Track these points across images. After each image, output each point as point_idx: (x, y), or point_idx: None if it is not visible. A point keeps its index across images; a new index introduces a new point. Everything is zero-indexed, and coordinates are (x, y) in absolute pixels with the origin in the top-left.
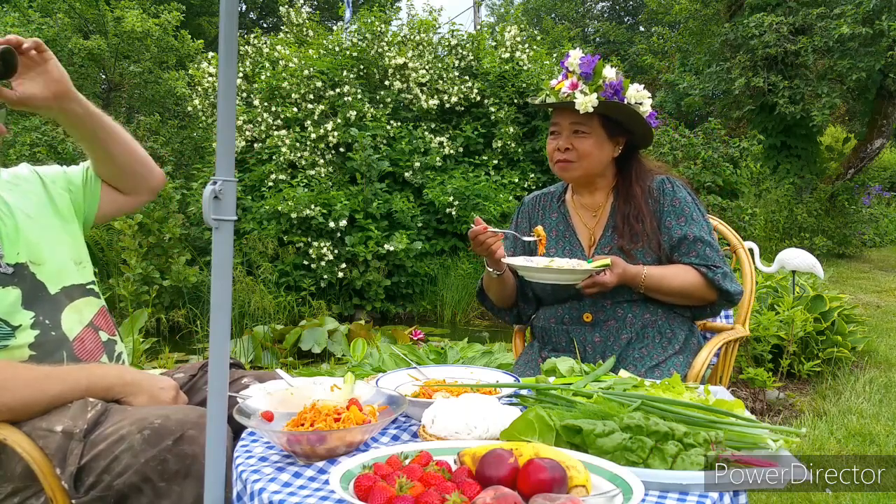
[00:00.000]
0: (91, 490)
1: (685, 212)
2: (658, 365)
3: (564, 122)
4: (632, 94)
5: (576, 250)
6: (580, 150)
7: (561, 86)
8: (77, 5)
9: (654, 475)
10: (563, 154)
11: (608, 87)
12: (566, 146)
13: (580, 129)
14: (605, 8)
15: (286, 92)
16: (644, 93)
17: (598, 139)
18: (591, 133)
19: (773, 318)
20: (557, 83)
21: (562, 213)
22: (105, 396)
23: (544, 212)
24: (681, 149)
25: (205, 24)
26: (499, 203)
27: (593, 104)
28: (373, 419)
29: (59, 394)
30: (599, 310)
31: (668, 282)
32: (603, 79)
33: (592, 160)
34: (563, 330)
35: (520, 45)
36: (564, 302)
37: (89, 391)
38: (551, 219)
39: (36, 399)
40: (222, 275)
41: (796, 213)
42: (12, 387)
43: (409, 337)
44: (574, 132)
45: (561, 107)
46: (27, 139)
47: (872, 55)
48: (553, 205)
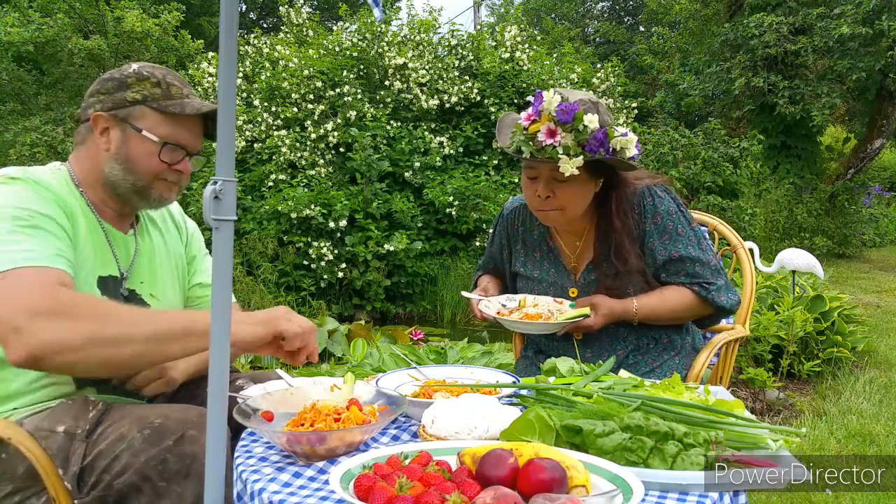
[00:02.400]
0: (92, 490)
1: (668, 227)
2: (653, 370)
3: (543, 168)
4: (618, 142)
5: (561, 273)
6: (562, 198)
7: (536, 128)
8: (77, 5)
9: (654, 475)
10: (545, 203)
11: (592, 140)
12: (546, 194)
13: (560, 176)
14: (605, 8)
15: (286, 92)
16: (630, 138)
17: (581, 184)
18: (572, 179)
19: (773, 318)
20: (529, 122)
21: (542, 233)
22: (202, 344)
23: (524, 228)
24: (681, 149)
25: (205, 24)
26: (499, 203)
27: (579, 165)
28: (373, 419)
29: (154, 333)
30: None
31: (661, 309)
32: (584, 126)
33: (576, 206)
34: (553, 346)
35: (520, 45)
36: None
37: (187, 332)
38: (532, 236)
39: (132, 335)
40: (222, 275)
41: (796, 213)
42: (115, 320)
43: (409, 337)
44: (553, 178)
45: (540, 162)
46: (27, 139)
47: (872, 55)
48: (532, 222)
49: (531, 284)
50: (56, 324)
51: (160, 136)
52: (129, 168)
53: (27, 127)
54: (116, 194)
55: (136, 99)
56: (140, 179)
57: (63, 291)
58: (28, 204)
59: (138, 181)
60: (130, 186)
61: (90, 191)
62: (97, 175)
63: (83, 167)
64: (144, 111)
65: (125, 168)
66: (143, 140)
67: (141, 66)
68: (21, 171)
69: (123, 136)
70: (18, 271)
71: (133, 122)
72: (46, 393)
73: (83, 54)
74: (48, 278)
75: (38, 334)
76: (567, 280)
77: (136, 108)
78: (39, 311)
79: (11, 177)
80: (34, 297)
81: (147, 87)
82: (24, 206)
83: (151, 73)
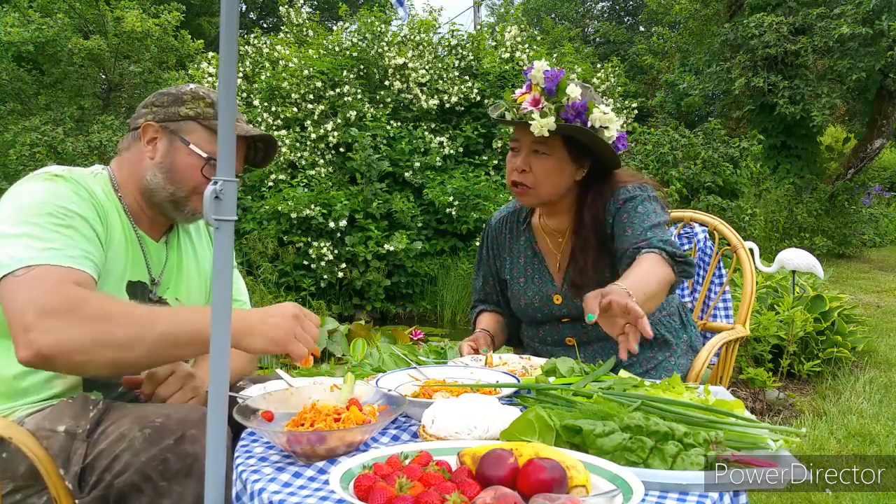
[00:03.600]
0: (93, 490)
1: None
2: (647, 372)
3: (525, 139)
4: (596, 118)
5: (545, 280)
6: (537, 173)
7: (522, 99)
8: (77, 5)
9: (654, 475)
10: (520, 176)
11: (570, 108)
12: (523, 167)
13: (540, 148)
14: (605, 8)
15: (286, 92)
16: (610, 116)
17: (559, 161)
18: (551, 154)
19: (773, 318)
20: (520, 95)
21: (528, 239)
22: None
23: (511, 236)
24: (681, 149)
25: (205, 24)
26: (499, 203)
27: (550, 127)
28: (373, 419)
29: (164, 334)
30: (581, 332)
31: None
32: (567, 97)
33: (549, 185)
34: (547, 351)
35: (520, 45)
36: (543, 325)
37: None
38: (519, 244)
39: (141, 335)
40: (222, 275)
41: (796, 213)
42: (127, 319)
43: (409, 337)
44: (534, 151)
45: (519, 125)
46: (27, 139)
47: (872, 55)
48: (519, 228)
49: (518, 293)
50: (64, 324)
51: (207, 152)
52: (171, 178)
53: (27, 127)
54: (153, 202)
55: (189, 115)
56: (180, 190)
57: (75, 290)
58: (65, 202)
59: (178, 192)
60: (169, 196)
61: (128, 196)
62: (137, 181)
63: (123, 172)
64: (195, 127)
65: (167, 177)
66: (190, 153)
67: (197, 87)
68: (66, 171)
69: (171, 147)
70: (40, 268)
71: (182, 136)
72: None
73: (83, 54)
74: (67, 278)
75: (46, 334)
76: (550, 287)
77: (188, 124)
78: (49, 310)
79: (55, 174)
80: (47, 295)
81: (201, 105)
82: (61, 205)
83: (207, 94)
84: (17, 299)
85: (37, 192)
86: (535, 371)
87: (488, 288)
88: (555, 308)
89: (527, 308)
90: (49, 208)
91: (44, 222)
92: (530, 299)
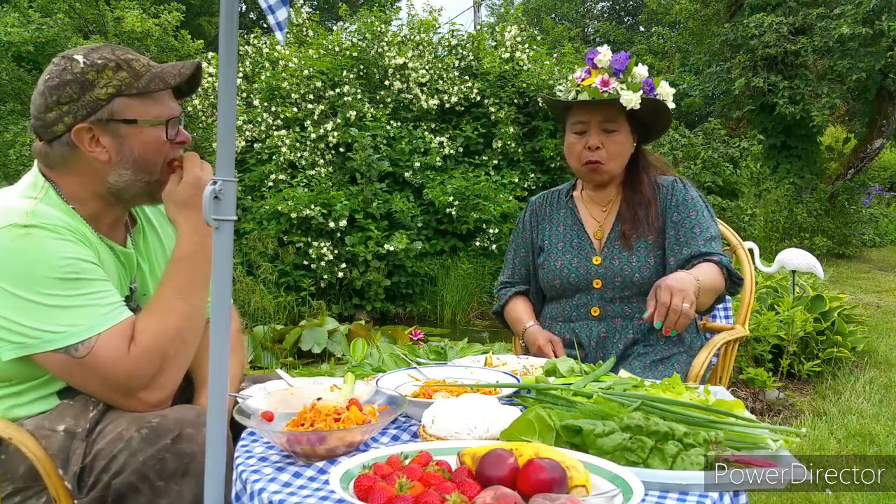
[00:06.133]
0: (91, 490)
1: (697, 208)
2: (661, 361)
3: (594, 119)
4: (664, 91)
5: (584, 243)
6: (611, 149)
7: (590, 81)
8: (77, 5)
9: (654, 475)
10: (594, 154)
11: (645, 83)
12: (597, 144)
13: (609, 126)
14: (605, 8)
15: (286, 92)
16: (670, 90)
17: (626, 136)
18: (619, 130)
19: (773, 318)
20: (583, 79)
21: (570, 209)
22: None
23: (551, 209)
24: (681, 149)
25: (205, 24)
26: (499, 203)
27: (637, 102)
28: (373, 419)
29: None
30: (608, 304)
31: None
32: (632, 76)
33: (621, 158)
34: (568, 328)
35: (520, 45)
36: (572, 294)
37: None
38: (559, 215)
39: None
40: (222, 275)
41: (796, 213)
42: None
43: (409, 337)
44: (604, 130)
45: (595, 106)
46: (27, 139)
47: (872, 55)
48: (561, 201)
49: (556, 256)
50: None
51: (157, 116)
52: (140, 166)
53: (27, 127)
54: (123, 200)
55: (111, 93)
56: (154, 174)
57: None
58: (63, 254)
59: (152, 176)
60: (143, 186)
61: (82, 207)
62: (95, 189)
63: (73, 185)
64: (126, 102)
65: (135, 168)
66: (141, 130)
67: (87, 54)
68: (28, 218)
69: (119, 138)
70: (92, 350)
71: (122, 118)
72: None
73: None
74: (120, 346)
75: (148, 400)
76: (590, 249)
77: (116, 103)
78: (133, 389)
79: (24, 226)
80: (120, 377)
81: (109, 75)
82: (63, 258)
83: (105, 59)
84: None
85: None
86: (535, 371)
87: (518, 261)
88: (592, 269)
89: (562, 270)
90: (54, 272)
91: (60, 291)
92: (568, 261)
